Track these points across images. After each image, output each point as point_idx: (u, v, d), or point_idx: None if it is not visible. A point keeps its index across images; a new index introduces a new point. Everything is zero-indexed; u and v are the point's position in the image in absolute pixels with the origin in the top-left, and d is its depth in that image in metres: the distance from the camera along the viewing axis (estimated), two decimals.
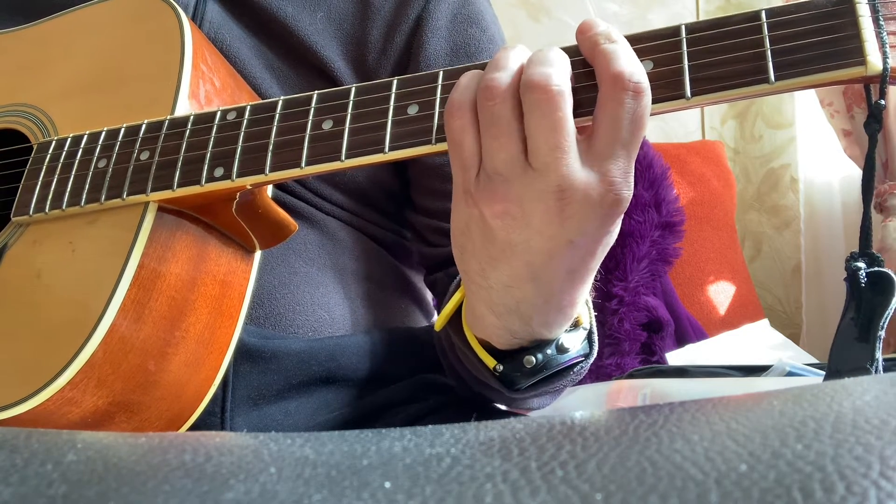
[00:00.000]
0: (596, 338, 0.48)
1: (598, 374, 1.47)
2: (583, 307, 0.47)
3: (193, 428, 0.52)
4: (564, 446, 0.22)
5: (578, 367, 0.48)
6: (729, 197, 1.75)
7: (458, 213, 0.41)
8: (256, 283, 0.55)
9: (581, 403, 1.10)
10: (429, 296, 0.74)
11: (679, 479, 0.19)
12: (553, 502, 0.19)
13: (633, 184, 0.38)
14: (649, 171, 1.55)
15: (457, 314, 0.51)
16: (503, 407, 0.62)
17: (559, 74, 0.37)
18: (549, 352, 0.45)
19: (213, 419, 0.55)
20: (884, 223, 1.59)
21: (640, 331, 1.47)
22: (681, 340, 1.49)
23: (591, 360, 0.49)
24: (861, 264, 0.39)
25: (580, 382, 1.49)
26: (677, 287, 1.57)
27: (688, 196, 1.65)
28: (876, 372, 0.38)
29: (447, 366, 0.59)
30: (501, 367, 0.46)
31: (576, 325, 0.47)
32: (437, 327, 0.51)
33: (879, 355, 0.38)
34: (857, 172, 1.68)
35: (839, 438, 0.20)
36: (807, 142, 1.92)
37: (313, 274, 0.61)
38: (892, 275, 0.39)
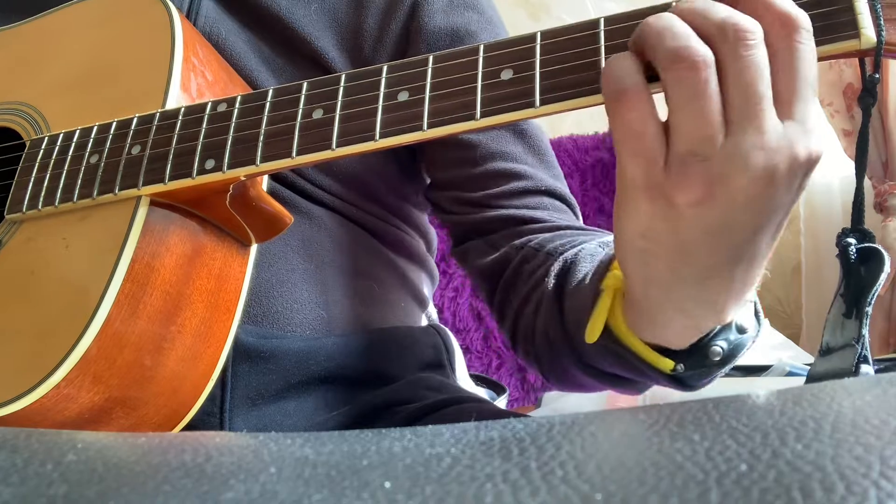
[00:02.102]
0: (760, 307, 0.43)
1: None
2: None
3: (192, 427, 0.52)
4: (564, 446, 0.22)
5: (745, 350, 0.43)
6: None
7: (635, 215, 0.36)
8: (254, 280, 0.55)
9: (581, 403, 1.10)
10: (426, 292, 0.74)
11: (679, 478, 0.19)
12: (553, 502, 0.19)
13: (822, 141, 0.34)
14: None
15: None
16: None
17: (743, 15, 0.33)
18: (732, 337, 0.40)
19: (212, 419, 0.55)
20: (884, 223, 1.59)
21: None
22: None
23: (759, 336, 0.43)
24: (852, 240, 0.39)
25: None
26: None
27: None
28: (862, 348, 0.37)
29: (554, 365, 0.55)
30: (682, 367, 0.41)
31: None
32: (590, 340, 0.44)
33: (866, 332, 0.38)
34: None
35: (839, 438, 0.20)
36: None
37: (312, 271, 0.61)
38: (882, 250, 0.38)
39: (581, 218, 0.66)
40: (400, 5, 0.64)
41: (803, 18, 0.33)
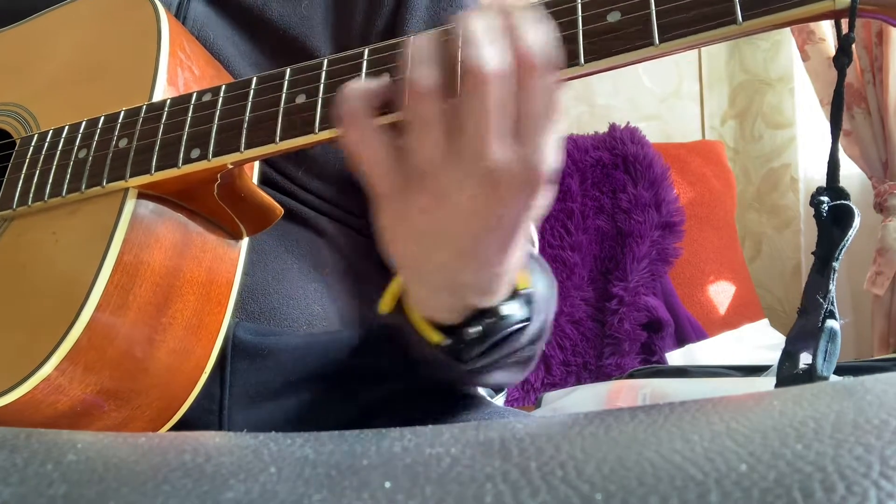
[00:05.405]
0: (537, 300, 0.49)
1: (598, 374, 1.47)
2: (522, 272, 0.48)
3: (189, 425, 0.52)
4: (564, 446, 0.22)
5: (524, 332, 0.48)
6: (729, 197, 1.75)
7: (383, 207, 0.41)
8: (250, 277, 0.55)
9: (581, 403, 1.10)
10: None
11: (679, 479, 0.19)
12: (553, 502, 0.19)
13: (556, 160, 0.39)
14: (649, 171, 1.55)
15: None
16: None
17: (498, 55, 0.36)
18: (488, 321, 0.46)
19: (211, 417, 0.55)
20: (884, 223, 1.59)
21: (640, 331, 1.47)
22: (681, 340, 1.49)
23: (537, 323, 0.49)
24: (825, 198, 0.40)
25: (581, 382, 1.49)
26: (677, 287, 1.57)
27: (688, 196, 1.65)
28: (828, 303, 0.39)
29: (391, 352, 0.59)
30: (449, 341, 0.47)
31: (516, 292, 0.48)
32: (381, 311, 0.51)
33: (833, 286, 0.39)
34: (857, 172, 1.69)
35: (839, 438, 0.20)
36: (807, 142, 1.92)
37: (306, 269, 0.61)
38: (853, 207, 0.39)
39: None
40: (385, 1, 0.65)
41: (541, 58, 0.37)
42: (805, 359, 0.40)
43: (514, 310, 0.47)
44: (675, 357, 1.40)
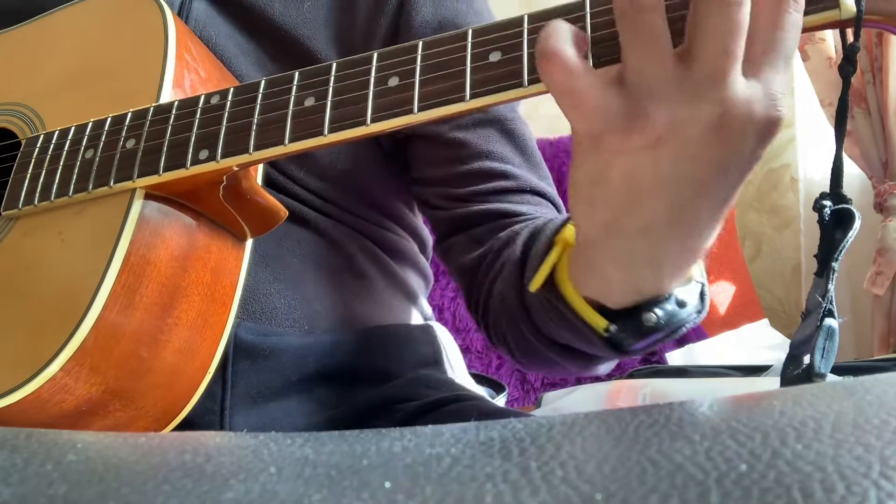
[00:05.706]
0: (707, 290, 0.44)
1: None
2: None
3: (191, 424, 0.52)
4: (564, 446, 0.22)
5: (685, 327, 0.44)
6: None
7: (588, 159, 0.37)
8: (252, 278, 0.55)
9: (581, 403, 1.10)
10: (419, 291, 0.74)
11: (679, 478, 0.19)
12: (553, 502, 0.19)
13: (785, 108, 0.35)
14: None
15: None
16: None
17: None
18: (669, 307, 0.41)
19: (213, 417, 0.55)
20: (884, 223, 1.59)
21: None
22: (681, 340, 1.49)
23: (702, 317, 0.44)
24: (827, 202, 0.40)
25: (581, 382, 1.49)
26: None
27: None
28: (827, 303, 0.38)
29: (515, 335, 0.56)
30: (615, 328, 0.42)
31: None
32: (533, 289, 0.46)
33: (832, 286, 0.39)
34: (857, 172, 1.69)
35: (839, 438, 0.20)
36: (807, 142, 1.92)
37: (306, 270, 0.61)
38: (854, 210, 0.39)
39: None
40: (388, 1, 0.64)
41: None
42: (807, 360, 0.40)
43: (690, 297, 0.42)
44: (675, 357, 1.39)
